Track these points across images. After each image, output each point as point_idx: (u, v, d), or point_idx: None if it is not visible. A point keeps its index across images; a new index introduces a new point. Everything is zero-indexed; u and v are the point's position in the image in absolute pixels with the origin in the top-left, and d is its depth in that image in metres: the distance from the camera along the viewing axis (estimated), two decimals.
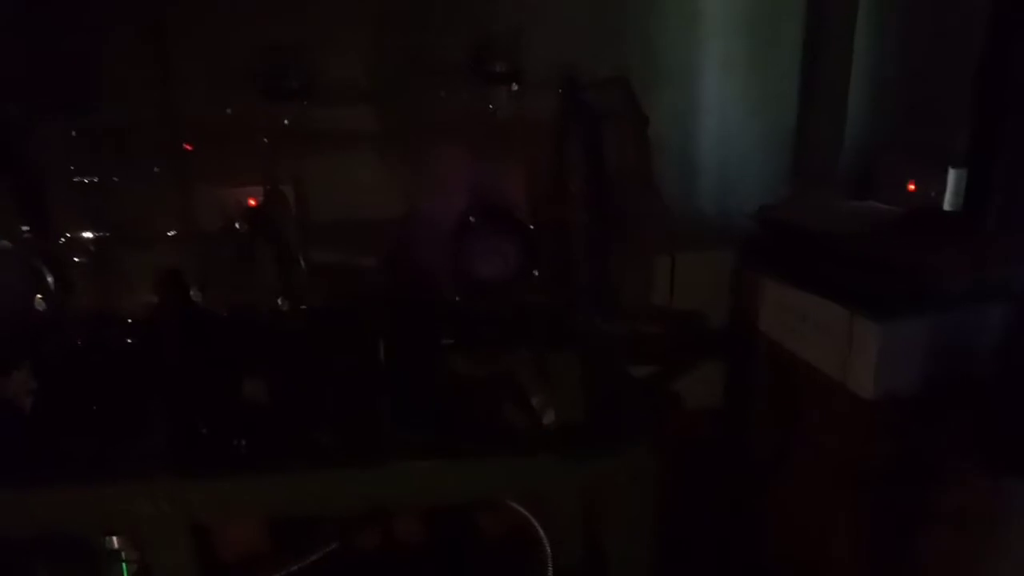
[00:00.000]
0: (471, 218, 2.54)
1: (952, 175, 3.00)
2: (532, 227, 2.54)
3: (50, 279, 2.34)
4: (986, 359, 2.61)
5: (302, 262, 2.49)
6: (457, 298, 2.50)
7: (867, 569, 2.61)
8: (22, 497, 1.81)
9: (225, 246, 2.41)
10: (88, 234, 2.47)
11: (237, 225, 2.39)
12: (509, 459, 1.96)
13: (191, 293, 2.33)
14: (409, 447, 1.93)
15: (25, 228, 2.39)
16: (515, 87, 2.64)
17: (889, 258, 2.70)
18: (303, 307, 2.43)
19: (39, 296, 2.33)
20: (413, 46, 2.93)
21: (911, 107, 3.21)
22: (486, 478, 1.99)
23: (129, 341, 2.30)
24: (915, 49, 3.19)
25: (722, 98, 3.36)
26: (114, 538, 2.15)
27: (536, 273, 2.50)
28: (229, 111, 2.66)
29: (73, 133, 2.49)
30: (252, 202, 2.56)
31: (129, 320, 2.37)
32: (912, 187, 3.16)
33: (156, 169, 2.62)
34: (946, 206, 3.03)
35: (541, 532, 2.23)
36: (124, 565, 2.14)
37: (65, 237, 2.45)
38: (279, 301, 2.38)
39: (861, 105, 3.32)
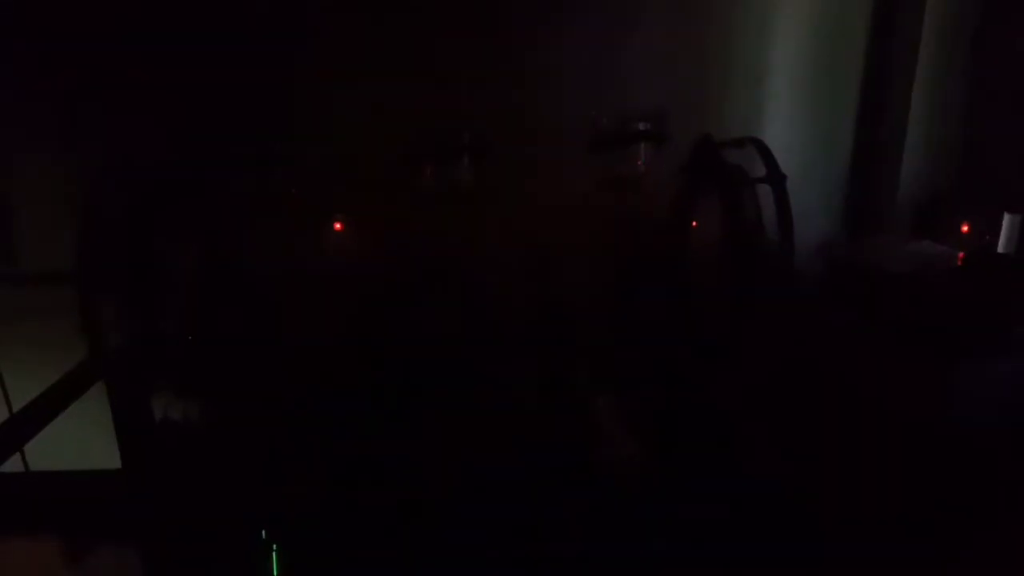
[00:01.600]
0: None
1: (1007, 220, 3.24)
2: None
3: None
4: None
5: None
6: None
7: None
8: None
9: None
10: None
11: None
12: None
13: None
14: None
15: None
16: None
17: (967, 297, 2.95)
18: None
19: None
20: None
21: (968, 152, 3.43)
22: None
23: None
24: (973, 96, 3.41)
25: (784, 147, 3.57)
26: None
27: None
28: None
29: None
30: None
31: None
32: (966, 229, 3.39)
33: None
34: (1000, 249, 3.27)
35: None
36: None
37: None
38: None
39: (918, 150, 3.54)
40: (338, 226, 2.89)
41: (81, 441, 2.67)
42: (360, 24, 3.05)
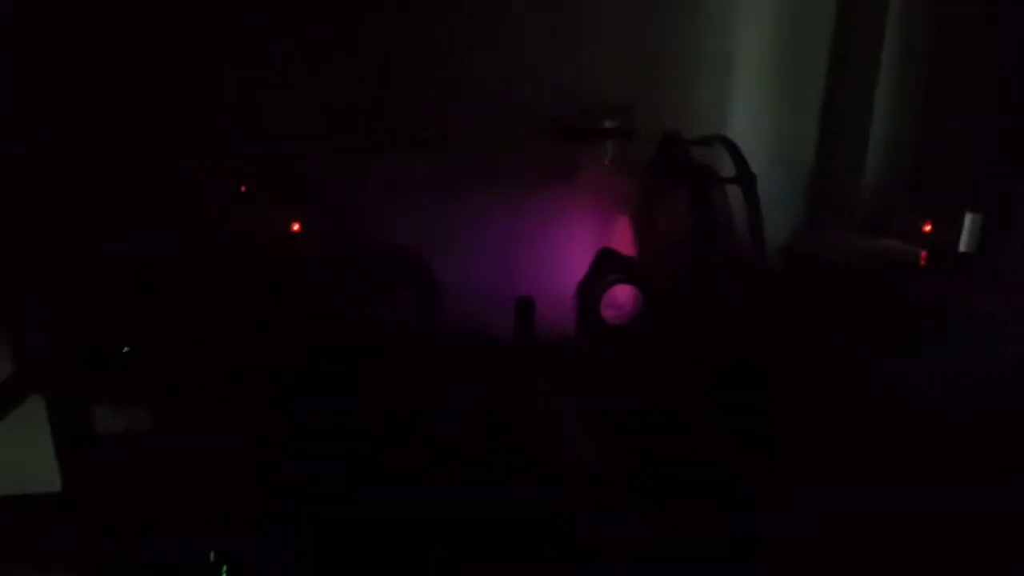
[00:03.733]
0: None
1: (968, 219, 3.25)
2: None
3: None
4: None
5: None
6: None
7: None
8: None
9: None
10: None
11: None
12: None
13: None
14: None
15: None
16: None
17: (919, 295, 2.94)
18: None
19: None
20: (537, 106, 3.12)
21: (930, 151, 3.43)
22: None
23: None
24: (935, 95, 3.41)
25: (748, 140, 3.54)
26: None
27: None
28: None
29: None
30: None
31: None
32: (928, 228, 3.39)
33: None
34: (962, 248, 3.28)
35: None
36: None
37: None
38: None
39: (881, 147, 3.54)
40: (296, 227, 2.76)
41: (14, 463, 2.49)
42: None
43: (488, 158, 3.02)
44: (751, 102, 3.56)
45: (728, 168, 2.90)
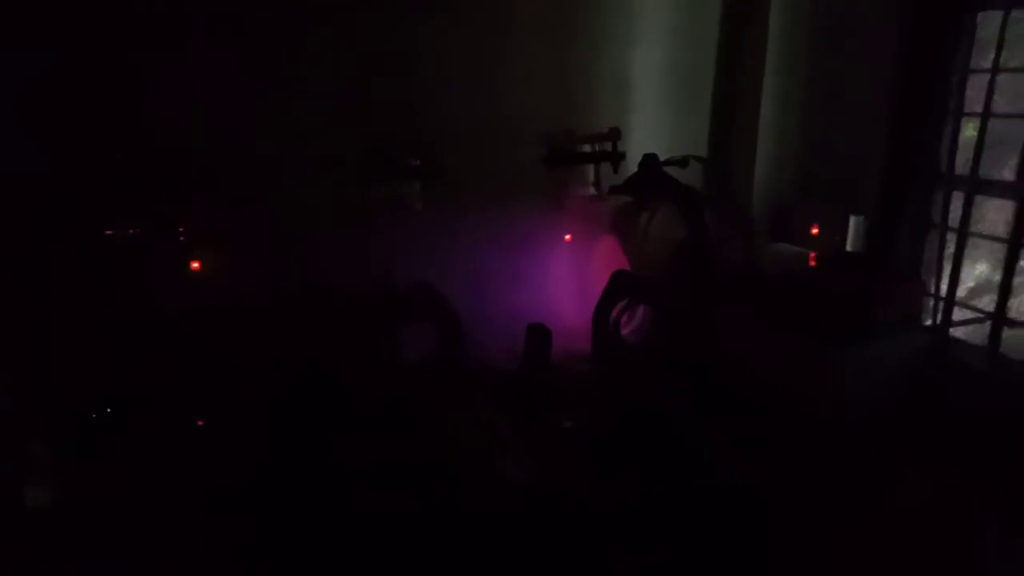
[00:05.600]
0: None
1: (853, 221, 3.62)
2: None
3: None
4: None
5: None
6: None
7: None
8: None
9: None
10: None
11: None
12: None
13: None
14: None
15: None
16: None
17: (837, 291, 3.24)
18: None
19: None
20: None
21: (815, 161, 3.79)
22: None
23: None
24: (819, 108, 3.77)
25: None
26: None
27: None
28: None
29: None
30: None
31: None
32: (815, 231, 3.74)
33: None
34: (848, 247, 3.64)
35: None
36: None
37: None
38: None
39: (770, 159, 3.85)
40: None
41: None
42: None
43: (480, 186, 3.02)
44: (647, 122, 3.77)
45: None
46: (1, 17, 2.16)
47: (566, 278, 3.12)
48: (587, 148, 3.32)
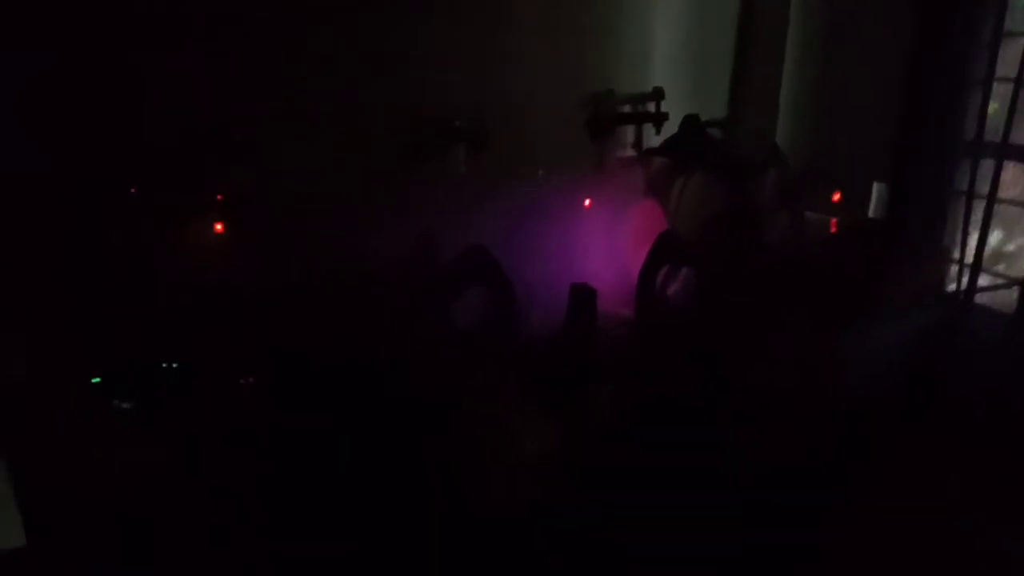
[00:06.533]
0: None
1: (876, 188, 3.56)
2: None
3: None
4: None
5: None
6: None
7: None
8: None
9: None
10: None
11: None
12: None
13: None
14: None
15: None
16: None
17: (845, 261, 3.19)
18: None
19: None
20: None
21: (837, 125, 3.71)
22: None
23: None
24: (838, 70, 3.68)
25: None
26: None
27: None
28: None
29: None
30: None
31: None
32: (837, 197, 3.67)
33: None
34: (871, 214, 3.58)
35: None
36: None
37: None
38: None
39: (790, 124, 3.77)
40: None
41: None
42: None
43: (522, 149, 2.92)
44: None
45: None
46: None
47: (607, 242, 3.02)
48: (627, 109, 3.21)
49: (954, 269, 3.42)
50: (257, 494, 2.11)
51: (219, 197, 2.29)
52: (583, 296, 2.68)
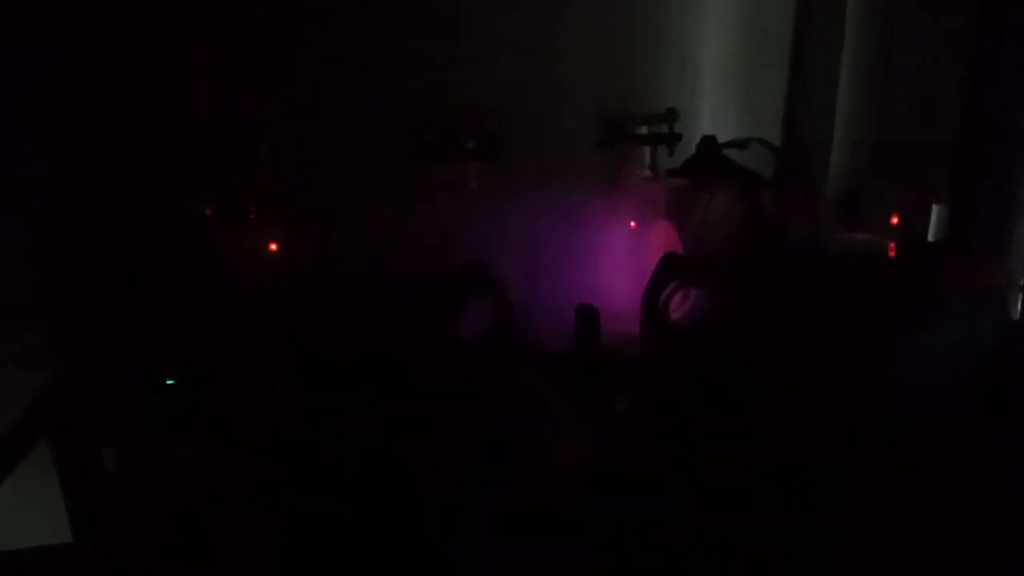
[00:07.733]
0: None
1: (935, 210, 3.45)
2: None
3: None
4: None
5: None
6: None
7: None
8: None
9: None
10: None
11: None
12: None
13: None
14: None
15: None
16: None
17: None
18: None
19: None
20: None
21: (895, 145, 3.62)
22: None
23: None
24: (897, 90, 3.60)
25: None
26: None
27: None
28: None
29: None
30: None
31: None
32: (896, 220, 3.57)
33: None
34: (930, 238, 3.48)
35: None
36: None
37: None
38: None
39: (846, 144, 3.70)
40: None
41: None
42: None
43: (536, 165, 2.97)
44: (717, 104, 3.63)
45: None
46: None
47: (620, 261, 3.05)
48: (643, 130, 3.23)
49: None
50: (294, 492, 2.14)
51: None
52: (587, 316, 2.72)
